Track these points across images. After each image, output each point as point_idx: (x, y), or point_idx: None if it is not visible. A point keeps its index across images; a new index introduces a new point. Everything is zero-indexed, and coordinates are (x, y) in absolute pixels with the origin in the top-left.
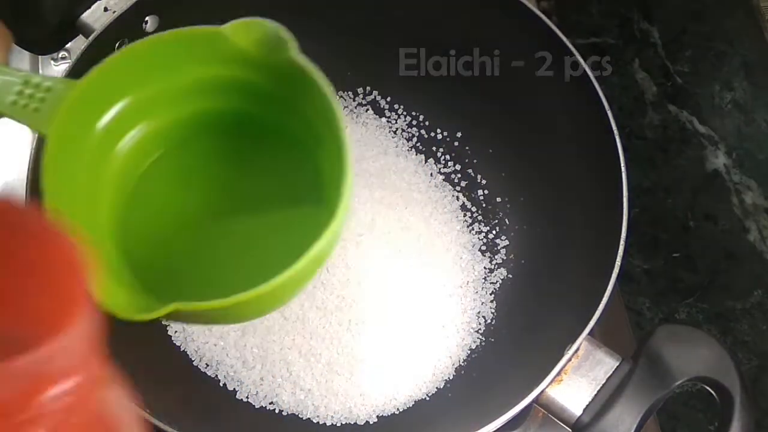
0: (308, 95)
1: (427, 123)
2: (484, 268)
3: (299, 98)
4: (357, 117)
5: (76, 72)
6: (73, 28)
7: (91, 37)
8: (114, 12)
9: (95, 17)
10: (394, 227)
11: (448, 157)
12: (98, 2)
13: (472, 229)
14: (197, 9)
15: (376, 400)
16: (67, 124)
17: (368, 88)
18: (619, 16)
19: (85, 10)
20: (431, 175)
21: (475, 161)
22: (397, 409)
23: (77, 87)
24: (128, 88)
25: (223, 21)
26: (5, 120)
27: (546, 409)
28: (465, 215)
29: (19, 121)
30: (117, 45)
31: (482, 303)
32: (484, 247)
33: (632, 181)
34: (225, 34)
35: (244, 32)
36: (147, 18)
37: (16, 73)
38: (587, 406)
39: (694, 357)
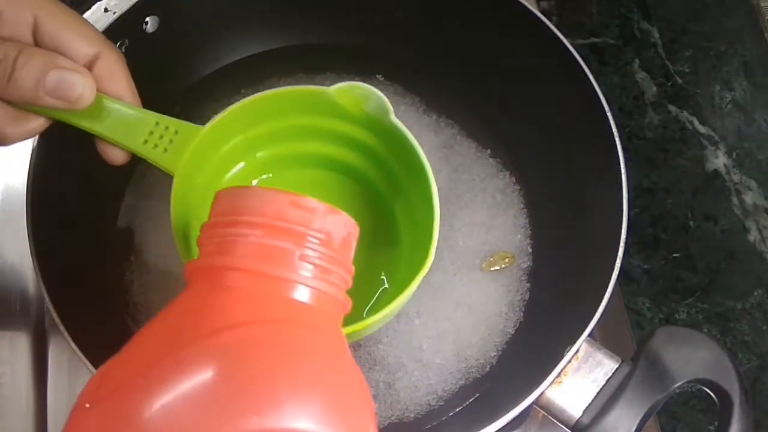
0: (399, 152)
1: None
2: None
3: (389, 153)
4: None
5: None
6: None
7: None
8: (114, 13)
9: (95, 18)
10: None
11: None
12: (98, 3)
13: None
14: (197, 10)
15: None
16: (190, 164)
17: None
18: (619, 16)
19: (86, 11)
20: None
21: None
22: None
23: (202, 133)
24: (242, 131)
25: (223, 22)
26: None
27: (546, 410)
28: None
29: (148, 160)
30: (117, 46)
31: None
32: None
33: (632, 181)
34: (330, 93)
35: (348, 94)
36: (147, 19)
37: (149, 115)
38: (587, 407)
39: (693, 359)
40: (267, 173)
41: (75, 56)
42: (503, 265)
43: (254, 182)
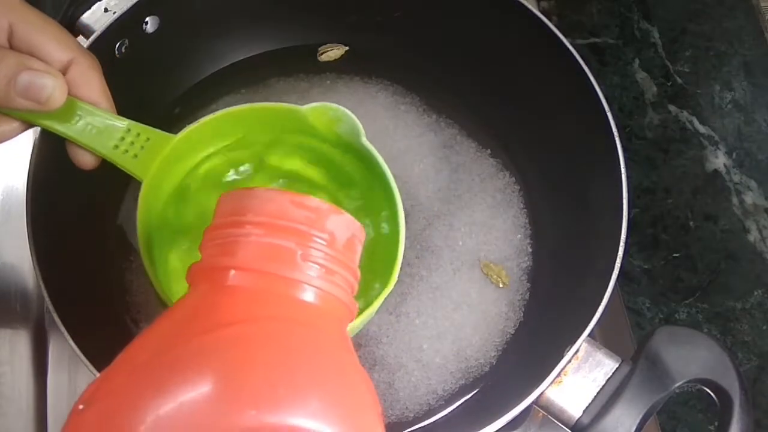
0: (368, 172)
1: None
2: None
3: (358, 172)
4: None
5: None
6: (73, 29)
7: (91, 38)
8: (114, 13)
9: (95, 18)
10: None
11: None
12: (98, 3)
13: None
14: (197, 10)
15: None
16: (161, 171)
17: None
18: (619, 16)
19: (85, 11)
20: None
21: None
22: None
23: (173, 142)
24: (214, 143)
25: (223, 22)
26: None
27: (546, 410)
28: None
29: (118, 165)
30: (117, 46)
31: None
32: None
33: (632, 181)
34: (304, 112)
35: (321, 114)
36: (147, 19)
37: (121, 121)
38: (587, 407)
39: (693, 359)
40: (235, 186)
41: (49, 61)
42: (498, 284)
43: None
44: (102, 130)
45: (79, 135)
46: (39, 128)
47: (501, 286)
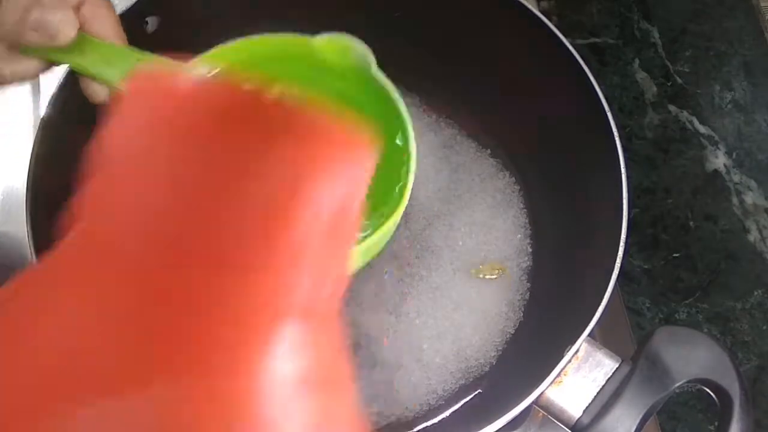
0: (379, 103)
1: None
2: None
3: (369, 104)
4: None
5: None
6: None
7: None
8: None
9: None
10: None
11: None
12: None
13: None
14: (198, 10)
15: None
16: None
17: None
18: (619, 16)
19: None
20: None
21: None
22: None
23: (185, 68)
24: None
25: (223, 22)
26: (6, 122)
27: (546, 410)
28: None
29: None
30: None
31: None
32: None
33: (632, 181)
34: (314, 44)
35: (332, 45)
36: (147, 19)
37: (132, 51)
38: (587, 407)
39: (693, 359)
40: None
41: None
42: (493, 275)
43: None
44: (112, 61)
45: (90, 65)
46: (38, 128)
47: (502, 273)
